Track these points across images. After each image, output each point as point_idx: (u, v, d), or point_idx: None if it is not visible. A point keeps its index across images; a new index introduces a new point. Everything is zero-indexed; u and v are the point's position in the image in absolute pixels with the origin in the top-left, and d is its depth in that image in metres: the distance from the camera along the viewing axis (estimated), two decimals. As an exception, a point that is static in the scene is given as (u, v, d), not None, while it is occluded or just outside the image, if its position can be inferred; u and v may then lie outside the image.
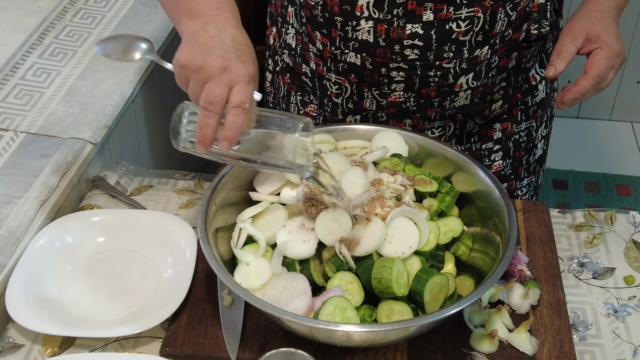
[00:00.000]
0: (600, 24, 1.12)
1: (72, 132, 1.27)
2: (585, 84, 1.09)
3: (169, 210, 1.21)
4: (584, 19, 1.14)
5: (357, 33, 1.12)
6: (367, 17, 1.09)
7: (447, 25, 1.09)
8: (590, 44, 1.12)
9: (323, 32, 1.15)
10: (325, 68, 1.20)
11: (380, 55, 1.13)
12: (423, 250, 0.98)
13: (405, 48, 1.11)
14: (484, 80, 1.17)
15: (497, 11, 1.10)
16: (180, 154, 1.00)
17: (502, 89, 1.22)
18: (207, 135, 0.92)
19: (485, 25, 1.10)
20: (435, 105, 1.18)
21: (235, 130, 0.91)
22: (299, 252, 0.98)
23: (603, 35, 1.11)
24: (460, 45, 1.11)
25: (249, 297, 0.90)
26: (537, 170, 1.39)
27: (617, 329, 1.03)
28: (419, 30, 1.09)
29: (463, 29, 1.10)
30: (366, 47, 1.13)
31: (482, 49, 1.13)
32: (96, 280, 1.09)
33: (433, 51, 1.11)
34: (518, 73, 1.23)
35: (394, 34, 1.10)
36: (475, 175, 1.06)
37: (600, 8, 1.14)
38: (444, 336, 1.00)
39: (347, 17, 1.11)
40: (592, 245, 1.15)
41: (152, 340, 1.01)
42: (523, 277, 1.05)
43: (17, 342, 1.01)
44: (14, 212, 1.12)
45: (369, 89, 1.18)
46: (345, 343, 0.93)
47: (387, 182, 1.03)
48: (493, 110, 1.26)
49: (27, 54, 1.44)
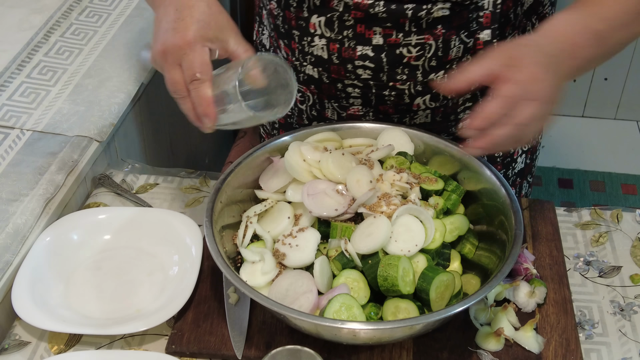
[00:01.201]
0: (526, 49, 0.92)
1: (78, 130, 1.27)
2: (489, 107, 0.88)
3: (174, 208, 1.21)
4: (509, 43, 0.97)
5: (312, 48, 1.12)
6: (320, 35, 1.09)
7: (397, 50, 1.08)
8: (506, 68, 0.90)
9: (285, 42, 1.16)
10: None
11: (335, 72, 1.13)
12: (429, 248, 0.98)
13: (357, 68, 1.10)
14: (444, 101, 1.15)
15: (450, 39, 1.07)
16: (186, 152, 1.01)
17: (467, 108, 1.18)
18: (195, 117, 0.93)
19: (438, 52, 1.08)
20: (395, 121, 1.18)
21: (203, 103, 0.90)
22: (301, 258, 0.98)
23: (523, 58, 0.90)
24: (412, 69, 1.10)
25: (255, 295, 0.90)
26: (519, 182, 1.34)
27: (623, 328, 1.03)
28: (369, 53, 1.08)
29: (414, 55, 1.08)
30: (322, 62, 1.13)
31: (437, 74, 1.11)
32: (102, 277, 1.09)
33: (385, 73, 1.10)
34: (485, 91, 1.19)
35: (345, 54, 1.10)
36: (481, 174, 1.05)
37: (533, 38, 0.95)
38: (450, 334, 1.00)
39: (302, 33, 1.11)
40: (598, 243, 1.15)
41: (158, 338, 1.01)
42: (529, 276, 1.05)
43: (24, 339, 1.01)
44: (20, 209, 1.13)
45: (329, 101, 1.19)
46: (351, 341, 0.93)
47: (393, 180, 1.03)
48: (460, 127, 1.19)
49: (33, 52, 1.44)
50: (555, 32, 0.95)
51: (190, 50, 0.90)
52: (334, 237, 0.99)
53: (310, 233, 0.99)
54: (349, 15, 1.06)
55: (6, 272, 1.06)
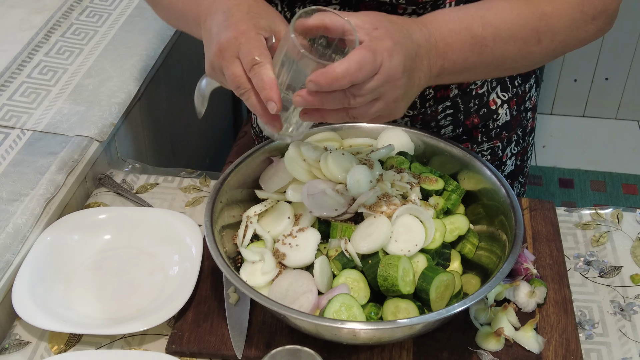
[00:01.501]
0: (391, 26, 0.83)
1: (78, 130, 1.27)
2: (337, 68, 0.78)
3: (174, 208, 1.21)
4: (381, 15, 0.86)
5: None
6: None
7: None
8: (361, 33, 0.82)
9: None
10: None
11: None
12: (429, 248, 0.98)
13: None
14: (421, 109, 1.13)
15: None
16: (186, 152, 1.01)
17: (448, 115, 1.17)
18: (260, 112, 0.86)
19: None
20: None
21: (266, 86, 0.83)
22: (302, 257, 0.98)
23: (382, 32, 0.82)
24: None
25: (255, 295, 0.90)
26: (510, 183, 1.33)
27: (624, 328, 1.03)
28: None
29: None
30: None
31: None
32: (102, 277, 1.09)
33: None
34: (468, 99, 1.18)
35: None
36: (481, 173, 1.05)
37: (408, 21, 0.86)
38: (450, 334, 1.00)
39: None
40: (598, 243, 1.15)
41: (158, 338, 1.01)
42: (529, 276, 1.05)
43: (24, 339, 1.01)
44: (20, 209, 1.13)
45: None
46: (351, 341, 0.93)
47: (393, 180, 1.03)
48: (443, 134, 1.21)
49: (34, 52, 1.44)
50: (431, 24, 0.87)
51: (245, 40, 0.86)
52: (334, 237, 0.99)
53: (310, 233, 0.99)
54: None
55: (6, 272, 1.06)
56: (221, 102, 2.11)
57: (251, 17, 0.88)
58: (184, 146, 1.78)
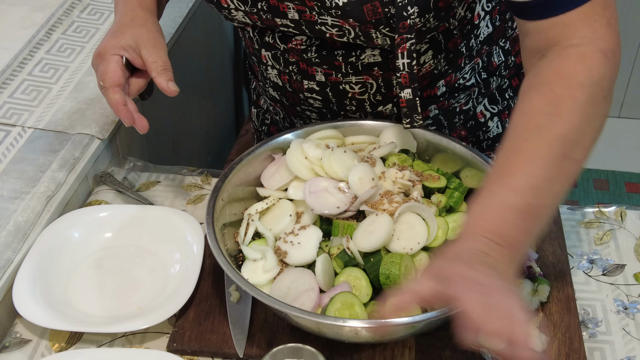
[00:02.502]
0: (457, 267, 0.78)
1: (79, 127, 1.27)
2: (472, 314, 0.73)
3: (176, 206, 1.21)
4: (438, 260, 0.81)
5: (269, 74, 1.14)
6: (272, 66, 1.12)
7: (340, 86, 1.09)
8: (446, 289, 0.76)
9: (253, 60, 1.18)
10: (262, 90, 1.24)
11: (290, 98, 1.15)
12: (431, 246, 0.97)
13: (308, 98, 1.12)
14: (406, 126, 1.10)
15: (390, 78, 1.07)
16: (188, 149, 1.01)
17: (433, 131, 1.12)
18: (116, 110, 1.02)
19: (381, 89, 1.09)
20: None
21: (113, 106, 1.01)
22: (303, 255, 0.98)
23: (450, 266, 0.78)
24: (360, 102, 1.11)
25: (257, 293, 0.89)
26: None
27: (627, 326, 1.03)
28: (314, 87, 1.10)
29: (357, 91, 1.09)
30: (278, 88, 1.15)
31: (385, 106, 1.12)
32: (103, 275, 1.09)
33: (334, 104, 1.12)
34: (453, 116, 1.18)
35: (295, 85, 1.12)
36: (484, 171, 1.05)
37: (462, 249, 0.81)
38: (452, 332, 0.99)
39: (259, 61, 1.14)
40: (601, 242, 1.14)
41: (159, 336, 1.01)
42: (532, 274, 1.04)
43: (24, 337, 1.01)
44: (21, 207, 1.12)
45: (295, 118, 1.22)
46: (353, 339, 0.92)
47: (395, 177, 1.03)
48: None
49: (35, 49, 1.44)
50: (476, 229, 0.82)
51: (101, 60, 1.02)
52: (336, 235, 0.99)
53: (312, 231, 0.99)
54: (288, 55, 1.09)
55: (7, 270, 1.05)
56: (223, 100, 2.10)
57: (120, 30, 1.04)
58: (185, 144, 1.78)
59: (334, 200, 1.00)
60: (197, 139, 1.87)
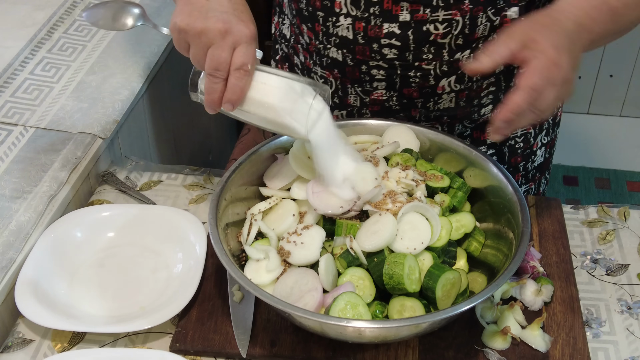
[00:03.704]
0: (544, 30, 0.92)
1: (81, 127, 1.27)
2: (516, 100, 0.89)
3: (178, 206, 1.20)
4: (527, 21, 0.95)
5: (337, 29, 1.11)
6: (346, 14, 1.09)
7: (424, 26, 1.07)
8: (526, 50, 0.91)
9: (309, 25, 1.15)
10: (312, 61, 1.20)
11: (360, 53, 1.12)
12: (435, 246, 0.97)
13: (383, 47, 1.10)
14: (468, 84, 1.14)
15: (477, 15, 1.06)
16: (190, 149, 1.00)
17: (490, 93, 1.18)
18: (215, 100, 0.93)
19: (465, 29, 1.08)
20: (419, 106, 1.17)
21: (238, 93, 0.92)
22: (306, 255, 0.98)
23: (542, 41, 0.90)
24: (439, 47, 1.09)
25: (260, 293, 0.89)
26: (538, 178, 1.34)
27: (631, 326, 1.02)
28: (395, 30, 1.08)
29: (441, 32, 1.07)
30: (346, 43, 1.12)
31: (462, 53, 1.10)
32: (106, 275, 1.09)
33: (411, 52, 1.10)
34: (509, 78, 1.19)
35: (371, 32, 1.09)
36: (487, 171, 1.05)
37: (552, 15, 0.96)
38: (456, 333, 0.99)
39: (327, 13, 1.10)
40: (605, 241, 1.14)
41: (162, 336, 1.01)
42: (536, 274, 1.04)
43: (27, 337, 1.01)
44: (23, 207, 1.12)
45: (352, 86, 1.18)
46: (357, 339, 0.92)
47: (399, 177, 1.02)
48: (483, 114, 1.22)
49: (36, 48, 1.44)
50: (573, 6, 0.96)
51: (252, 42, 0.93)
52: (339, 234, 0.99)
53: (315, 231, 0.98)
54: None
55: (9, 270, 1.05)
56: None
57: (253, 23, 0.95)
58: (187, 143, 1.78)
59: (337, 200, 0.99)
60: (198, 138, 1.87)
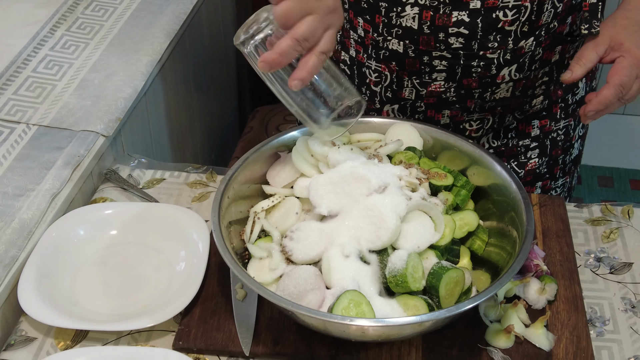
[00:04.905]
0: (626, 32, 1.08)
1: (84, 124, 1.27)
2: (607, 94, 1.04)
3: (181, 204, 1.20)
4: (609, 26, 1.09)
5: (401, 19, 1.11)
6: (413, 4, 1.09)
7: (493, 13, 1.08)
8: (613, 52, 1.07)
9: (366, 18, 1.15)
10: (366, 55, 1.20)
11: (423, 43, 1.12)
12: (438, 244, 0.97)
13: (449, 36, 1.10)
14: (527, 72, 1.16)
15: (544, 1, 1.09)
16: (192, 147, 1.00)
17: (543, 83, 1.21)
18: (281, 62, 0.90)
19: (532, 15, 1.09)
20: (476, 96, 1.18)
21: (311, 73, 0.91)
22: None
23: (626, 43, 1.06)
24: (505, 35, 1.10)
25: (263, 291, 0.89)
26: (572, 171, 1.37)
27: (635, 325, 1.02)
28: (465, 18, 1.09)
29: (509, 18, 1.09)
30: (410, 34, 1.12)
31: (527, 40, 1.12)
32: (109, 273, 1.09)
33: (478, 40, 1.11)
34: (560, 68, 1.21)
35: (439, 21, 1.09)
36: (491, 169, 1.04)
37: (628, 16, 1.09)
38: (459, 331, 0.99)
39: (392, 3, 1.11)
40: (609, 239, 1.14)
41: (165, 334, 1.01)
42: (539, 272, 1.04)
43: (30, 335, 1.01)
44: (26, 204, 1.12)
45: (410, 78, 1.18)
46: (360, 338, 0.92)
47: (402, 175, 1.02)
48: (533, 105, 1.25)
49: (39, 46, 1.43)
50: None
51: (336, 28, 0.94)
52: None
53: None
54: None
55: (12, 268, 1.05)
56: (227, 97, 2.10)
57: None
58: (190, 141, 1.78)
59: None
60: (201, 136, 1.87)
